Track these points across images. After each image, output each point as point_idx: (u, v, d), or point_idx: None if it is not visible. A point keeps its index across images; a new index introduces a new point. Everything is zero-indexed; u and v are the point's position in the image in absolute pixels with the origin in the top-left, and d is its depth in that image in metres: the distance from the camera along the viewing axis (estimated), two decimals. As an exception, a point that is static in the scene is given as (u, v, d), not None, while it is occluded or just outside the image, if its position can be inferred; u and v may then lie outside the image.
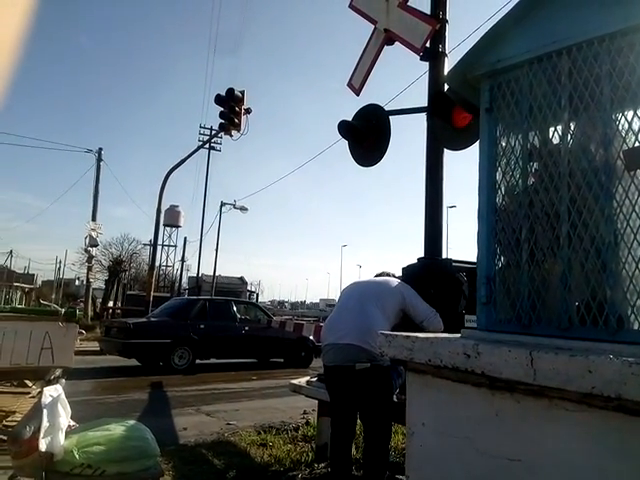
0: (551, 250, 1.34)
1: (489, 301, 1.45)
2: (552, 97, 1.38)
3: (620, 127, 1.25)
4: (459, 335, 1.51)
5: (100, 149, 19.89)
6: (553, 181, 1.34)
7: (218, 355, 9.84)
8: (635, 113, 1.22)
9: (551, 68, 1.39)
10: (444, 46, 3.70)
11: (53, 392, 1.95)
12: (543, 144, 1.41)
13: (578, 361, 1.07)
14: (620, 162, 1.23)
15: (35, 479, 2.03)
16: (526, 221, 1.39)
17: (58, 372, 1.99)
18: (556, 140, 1.38)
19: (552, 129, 1.39)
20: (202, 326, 9.54)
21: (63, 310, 1.96)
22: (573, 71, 1.34)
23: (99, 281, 26.80)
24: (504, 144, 1.49)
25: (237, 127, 10.64)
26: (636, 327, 1.17)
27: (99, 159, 19.67)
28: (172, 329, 9.31)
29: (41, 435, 1.82)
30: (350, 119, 4.00)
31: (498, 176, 1.48)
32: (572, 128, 1.36)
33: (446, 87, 3.59)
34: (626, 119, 1.24)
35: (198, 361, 9.48)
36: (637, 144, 1.20)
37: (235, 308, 10.39)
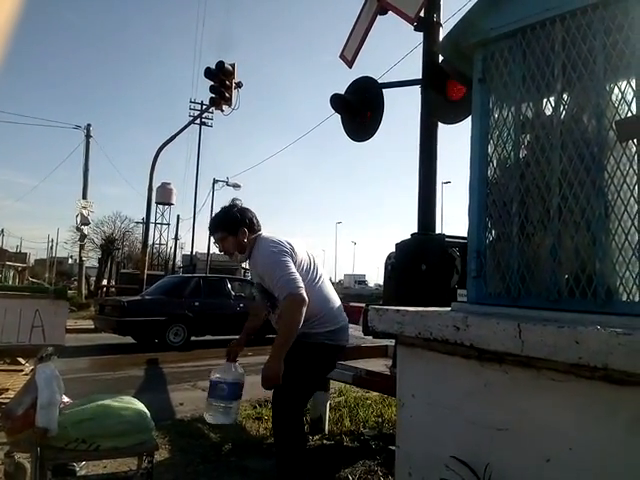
0: (541, 223, 1.34)
1: (479, 275, 1.45)
2: (545, 67, 1.36)
3: (613, 97, 1.23)
4: (449, 308, 1.52)
5: (89, 125, 19.53)
6: (545, 153, 1.33)
7: (213, 332, 9.90)
8: (628, 83, 1.20)
9: (545, 37, 1.36)
10: (439, 16, 3.62)
11: (46, 369, 1.95)
12: (536, 115, 1.39)
13: (566, 332, 1.08)
14: (612, 133, 1.21)
15: (30, 454, 2.05)
16: (517, 194, 1.38)
17: (50, 349, 1.99)
18: (549, 111, 1.36)
19: (545, 100, 1.37)
20: (197, 303, 9.57)
21: (53, 288, 1.94)
22: (567, 40, 1.32)
23: (92, 259, 26.75)
24: (497, 116, 1.47)
25: (228, 101, 10.45)
26: (624, 298, 1.18)
27: (88, 135, 19.33)
28: (167, 307, 9.34)
29: (36, 411, 1.83)
30: (343, 93, 3.93)
31: (490, 149, 1.47)
32: (565, 99, 1.34)
33: (440, 58, 3.53)
34: (619, 89, 1.22)
35: (193, 338, 9.55)
36: (630, 114, 1.18)
37: (230, 285, 10.42)
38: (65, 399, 2.16)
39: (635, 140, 1.17)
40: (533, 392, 1.19)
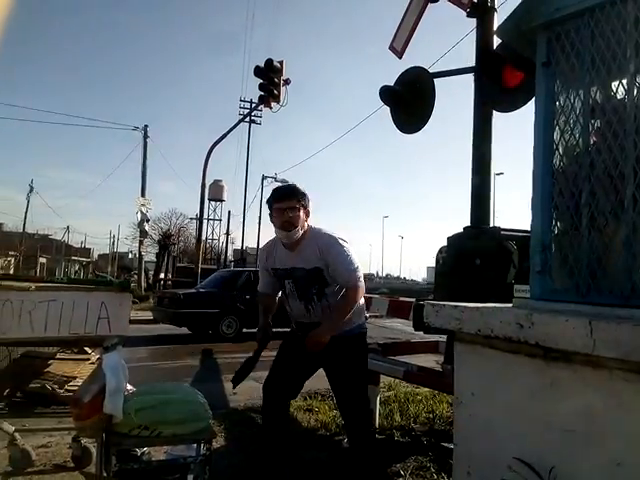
0: (614, 214, 1.25)
1: (544, 269, 1.38)
2: (616, 47, 1.26)
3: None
4: (510, 305, 1.46)
5: (146, 126, 20.38)
6: (617, 139, 1.24)
7: None
8: None
9: (615, 16, 1.26)
10: (493, 1, 3.47)
11: (112, 358, 2.06)
12: (606, 99, 1.30)
13: (643, 331, 1.01)
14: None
15: (96, 440, 2.17)
16: (587, 184, 1.30)
17: (115, 339, 2.09)
18: (621, 95, 1.27)
19: (616, 83, 1.28)
20: (248, 296, 9.81)
21: (117, 281, 2.04)
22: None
23: (150, 254, 27.98)
24: (563, 101, 1.38)
25: (277, 99, 10.55)
26: None
27: (145, 136, 20.19)
28: (220, 299, 9.65)
29: (103, 398, 1.93)
30: (392, 84, 3.86)
31: (556, 136, 1.39)
32: (639, 81, 1.24)
33: (495, 44, 3.39)
34: None
35: (245, 330, 9.79)
36: None
37: (279, 279, 10.59)
38: (129, 387, 2.27)
39: None
40: (604, 393, 1.12)
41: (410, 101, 3.71)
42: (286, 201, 2.28)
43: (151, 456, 2.33)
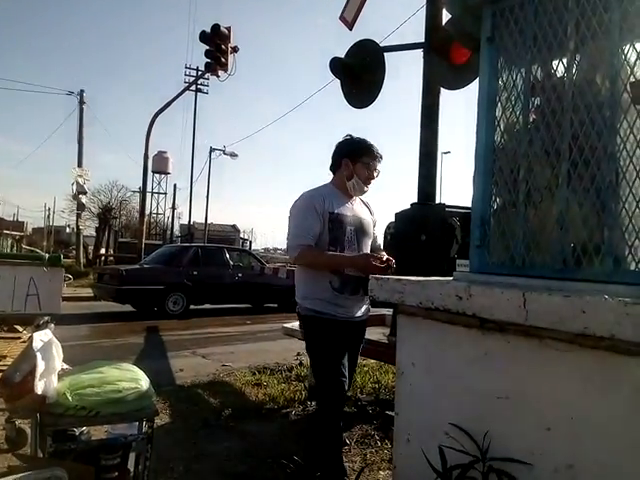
0: (549, 190, 1.30)
1: (483, 244, 1.42)
2: (558, 25, 1.29)
3: (629, 58, 1.17)
4: (451, 278, 1.50)
5: (82, 91, 19.11)
6: (555, 117, 1.27)
7: (212, 301, 9.99)
8: (647, 41, 1.13)
9: (559, -8, 1.28)
10: (443, -25, 3.46)
11: (44, 336, 1.94)
12: (547, 77, 1.33)
13: (572, 301, 1.06)
14: (627, 96, 1.16)
15: (30, 421, 2.06)
16: (525, 160, 1.34)
17: (46, 317, 1.97)
18: (560, 73, 1.30)
19: (557, 61, 1.31)
20: (195, 272, 9.61)
21: (47, 255, 1.91)
22: (582, -5, 1.24)
23: (90, 228, 26.65)
24: (505, 77, 1.40)
25: (224, 67, 10.19)
26: (633, 267, 1.15)
27: (81, 101, 18.95)
28: (165, 275, 9.38)
29: (36, 378, 1.83)
30: (342, 56, 3.81)
31: (498, 112, 1.41)
32: (578, 59, 1.28)
33: (444, 21, 3.40)
34: (635, 49, 1.16)
35: (192, 307, 9.62)
36: (647, 75, 1.13)
37: (228, 255, 10.45)
38: (64, 366, 2.16)
39: (651, 103, 1.12)
40: (535, 361, 1.18)
41: (360, 74, 3.67)
42: (378, 161, 2.36)
43: (90, 435, 2.25)
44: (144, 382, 2.14)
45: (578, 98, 1.25)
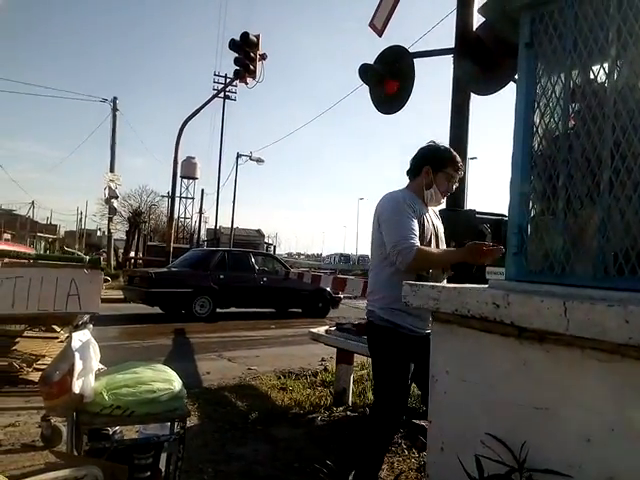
0: (590, 197, 1.27)
1: (520, 251, 1.40)
2: (599, 30, 1.27)
3: (676, 62, 1.14)
4: (486, 285, 1.48)
5: (115, 98, 19.70)
6: (596, 123, 1.25)
7: (237, 304, 10.09)
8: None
9: (600, -3, 1.26)
10: (475, -19, 3.45)
11: (82, 336, 2.00)
12: (587, 83, 1.31)
13: (616, 311, 1.04)
14: (674, 101, 1.13)
15: (66, 419, 2.12)
16: (564, 167, 1.32)
17: (85, 317, 2.03)
18: (602, 78, 1.28)
19: (598, 66, 1.28)
20: (222, 276, 9.74)
21: (87, 257, 1.98)
22: (623, 1, 1.22)
23: (120, 232, 27.34)
24: (544, 83, 1.39)
25: (252, 74, 10.33)
26: (678, 277, 1.12)
27: (114, 108, 19.51)
28: (193, 279, 9.55)
29: (74, 377, 1.89)
30: (371, 62, 3.82)
31: (536, 118, 1.39)
32: (620, 65, 1.25)
33: (475, 26, 3.38)
34: (683, 53, 1.13)
35: (218, 310, 9.75)
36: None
37: (253, 259, 10.56)
38: (100, 365, 2.22)
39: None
40: (575, 372, 1.16)
41: (389, 80, 3.68)
42: (459, 174, 2.25)
43: (123, 435, 2.30)
44: (177, 383, 2.18)
45: (620, 104, 1.22)
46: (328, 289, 9.67)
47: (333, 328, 4.03)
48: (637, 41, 1.20)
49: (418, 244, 2.04)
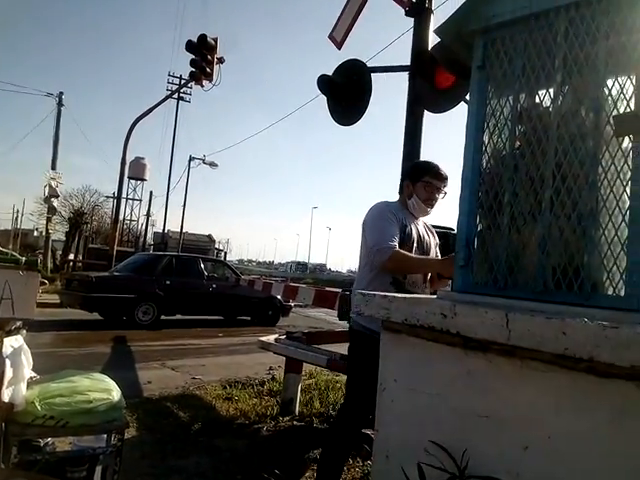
0: (532, 215, 1.34)
1: (467, 263, 1.45)
2: (546, 57, 1.35)
3: (613, 92, 1.23)
4: (435, 296, 1.52)
5: (61, 93, 18.81)
6: (541, 145, 1.32)
7: (184, 312, 9.81)
8: (629, 79, 1.20)
9: (548, 26, 1.34)
10: (430, 2, 3.59)
11: (14, 342, 1.87)
12: (533, 106, 1.38)
13: (553, 323, 1.09)
14: (610, 128, 1.21)
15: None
16: (510, 185, 1.38)
17: (19, 323, 1.90)
18: (547, 103, 1.35)
19: (544, 91, 1.36)
20: (168, 282, 9.44)
21: (24, 258, 1.85)
22: (570, 30, 1.30)
23: (59, 233, 25.95)
24: (494, 104, 1.45)
25: (209, 77, 10.21)
26: (610, 292, 1.20)
27: (60, 103, 18.63)
28: (136, 284, 9.18)
29: (3, 386, 1.76)
30: (330, 74, 3.86)
31: (485, 138, 1.46)
32: (564, 91, 1.34)
33: (430, 46, 3.51)
34: (619, 85, 1.22)
35: (163, 317, 9.43)
36: (628, 110, 1.19)
37: (203, 265, 10.31)
38: (33, 374, 2.09)
39: (632, 136, 1.18)
40: (516, 381, 1.20)
41: (347, 92, 3.74)
42: (444, 182, 2.33)
43: (55, 447, 2.17)
44: (115, 393, 2.08)
45: (563, 128, 1.30)
46: (279, 297, 9.60)
47: (283, 337, 4.01)
48: (581, 69, 1.29)
49: (396, 246, 2.14)
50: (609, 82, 1.23)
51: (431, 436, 1.32)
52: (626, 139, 1.20)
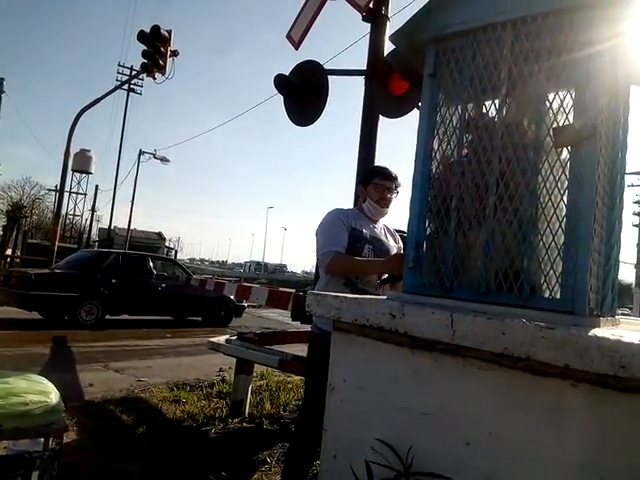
0: (477, 220, 1.40)
1: (416, 265, 1.49)
2: (493, 69, 1.41)
3: (554, 105, 1.30)
4: (385, 297, 1.55)
5: (2, 79, 17.64)
6: (486, 153, 1.38)
7: (131, 311, 9.47)
8: (568, 93, 1.27)
9: (495, 39, 1.40)
10: (387, 9, 3.66)
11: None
12: (480, 116, 1.44)
13: (494, 324, 1.14)
14: (549, 139, 1.28)
15: None
16: (457, 190, 1.43)
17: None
18: (492, 113, 1.41)
19: (490, 101, 1.42)
20: (114, 280, 9.08)
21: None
22: (515, 45, 1.37)
23: (-5, 226, 24.38)
24: (444, 112, 1.50)
25: (162, 69, 9.93)
26: (547, 295, 1.27)
27: (0, 90, 17.46)
28: (79, 282, 8.77)
29: None
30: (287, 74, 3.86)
31: (435, 144, 1.50)
32: (508, 102, 1.40)
33: (386, 52, 3.58)
34: (559, 98, 1.29)
35: (108, 317, 9.06)
36: (567, 123, 1.26)
37: (152, 264, 10.00)
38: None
39: (569, 147, 1.25)
40: (459, 379, 1.25)
41: (304, 93, 3.74)
42: (393, 182, 2.41)
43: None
44: (54, 395, 1.99)
45: (507, 138, 1.36)
46: (232, 297, 9.46)
47: (234, 337, 3.96)
48: (524, 82, 1.35)
49: (339, 251, 2.23)
50: (550, 96, 1.30)
51: (378, 434, 1.34)
52: (564, 150, 1.28)
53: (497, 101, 1.39)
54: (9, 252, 22.20)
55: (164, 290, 9.67)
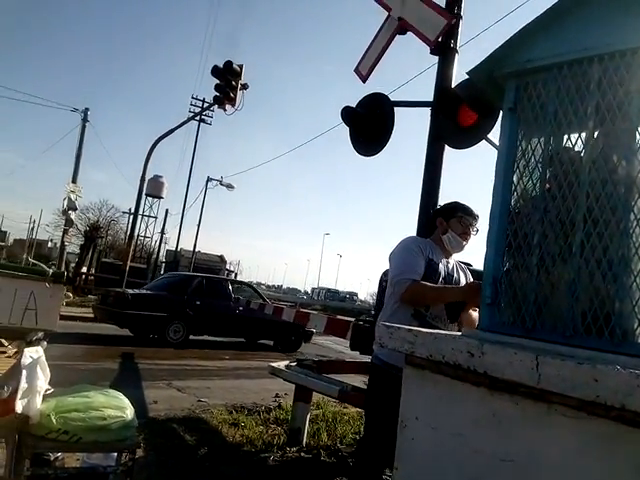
0: (562, 257, 1.34)
1: (494, 302, 1.44)
2: (579, 103, 1.37)
3: (646, 141, 1.24)
4: (460, 333, 1.51)
5: (86, 109, 19.32)
6: (572, 189, 1.33)
7: (212, 332, 9.92)
8: (662, 129, 1.21)
9: (581, 74, 1.37)
10: (456, 42, 3.66)
11: (33, 354, 1.89)
12: (565, 150, 1.40)
13: (585, 369, 1.07)
14: (643, 176, 1.22)
15: (7, 441, 1.97)
16: (539, 226, 1.39)
17: (40, 334, 1.93)
18: (579, 147, 1.37)
19: (576, 136, 1.38)
20: (198, 302, 9.55)
21: (51, 270, 1.89)
22: (603, 80, 1.33)
23: (73, 245, 26.29)
24: (524, 146, 1.47)
25: (232, 102, 10.47)
26: (641, 340, 1.18)
27: (85, 119, 19.12)
28: (169, 303, 9.30)
29: (18, 396, 1.76)
30: (353, 106, 3.94)
31: (515, 178, 1.47)
32: (596, 137, 1.35)
33: (454, 84, 3.57)
34: (653, 133, 1.23)
35: (192, 337, 9.55)
36: (662, 160, 1.20)
37: (230, 287, 10.45)
38: (47, 386, 2.09)
39: (665, 185, 1.19)
40: (542, 426, 1.18)
41: (369, 125, 3.80)
42: (476, 220, 2.43)
43: (64, 462, 2.15)
44: (129, 411, 2.08)
45: (594, 173, 1.31)
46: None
47: (294, 363, 3.97)
48: (613, 117, 1.31)
49: (416, 279, 2.17)
50: (642, 131, 1.25)
51: (452, 477, 1.29)
52: (659, 188, 1.21)
53: (583, 135, 1.35)
54: (84, 270, 23.79)
55: (241, 313, 9.96)
